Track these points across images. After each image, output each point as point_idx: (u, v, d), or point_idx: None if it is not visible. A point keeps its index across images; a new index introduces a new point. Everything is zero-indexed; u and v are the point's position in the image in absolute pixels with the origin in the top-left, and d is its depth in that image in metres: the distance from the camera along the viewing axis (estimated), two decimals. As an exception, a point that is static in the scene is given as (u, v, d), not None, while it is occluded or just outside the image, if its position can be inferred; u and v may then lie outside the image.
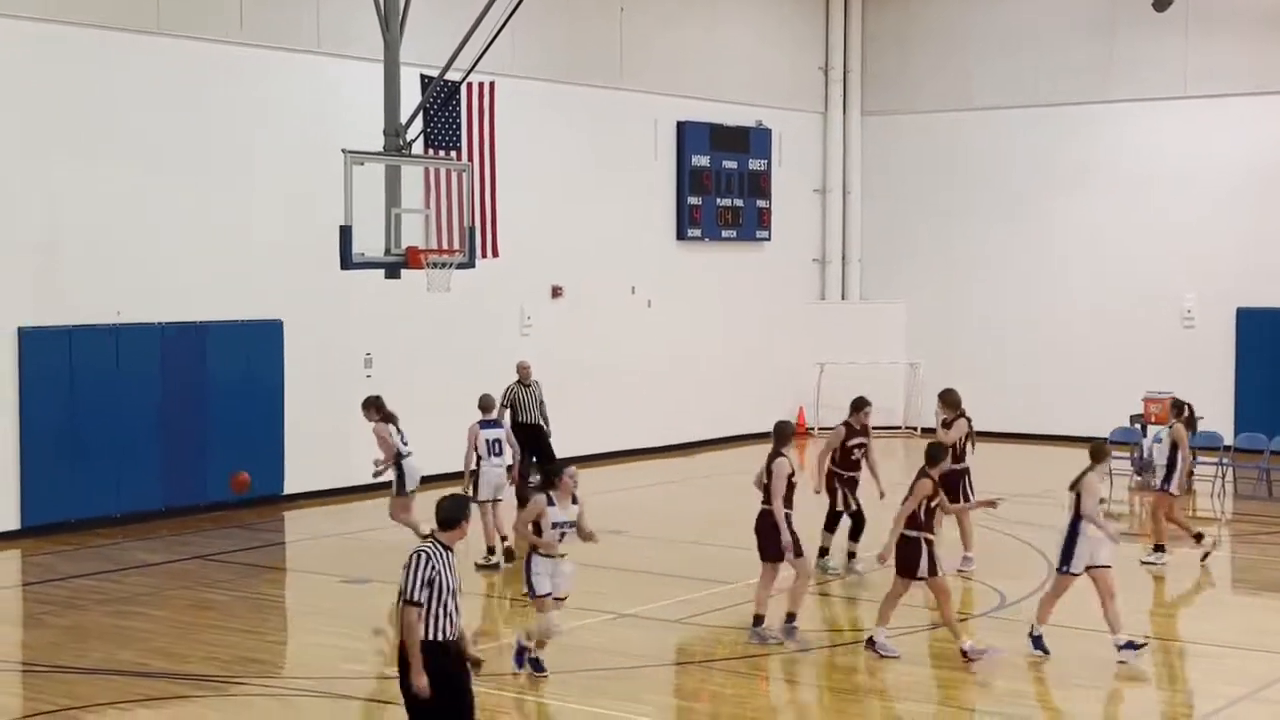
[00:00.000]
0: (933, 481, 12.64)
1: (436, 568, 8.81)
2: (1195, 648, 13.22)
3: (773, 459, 13.44)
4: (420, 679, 8.74)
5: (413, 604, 8.76)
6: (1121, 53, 27.06)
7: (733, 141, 27.35)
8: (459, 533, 9.07)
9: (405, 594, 8.79)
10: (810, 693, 12.45)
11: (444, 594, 8.81)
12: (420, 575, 8.78)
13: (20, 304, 18.18)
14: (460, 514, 9.07)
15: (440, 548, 8.94)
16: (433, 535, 9.04)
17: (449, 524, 9.04)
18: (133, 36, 19.05)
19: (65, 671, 12.52)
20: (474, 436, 16.86)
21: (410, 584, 8.78)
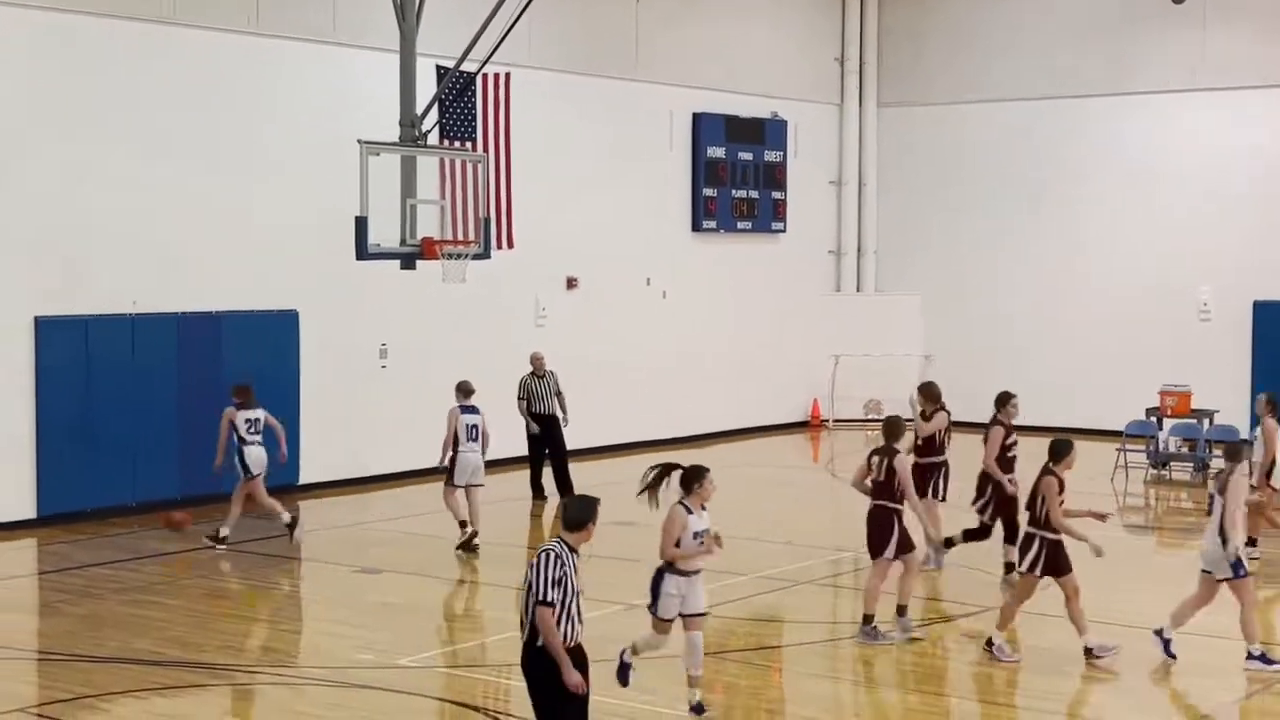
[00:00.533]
0: (1058, 479, 12.45)
1: (565, 568, 8.51)
2: (1211, 640, 13.19)
3: (893, 456, 13.23)
4: (572, 673, 8.46)
5: (546, 604, 8.45)
6: (1137, 45, 26.97)
7: (748, 133, 27.32)
8: (585, 534, 8.70)
9: (536, 594, 8.46)
10: (824, 684, 12.45)
11: (569, 596, 8.52)
12: (549, 574, 8.47)
13: (37, 294, 18.24)
14: (589, 515, 8.72)
15: (566, 548, 8.61)
16: (559, 536, 8.69)
17: (576, 525, 8.70)
18: (148, 26, 19.09)
19: (81, 660, 12.57)
20: (454, 421, 17.14)
21: (540, 584, 8.46)
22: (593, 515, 8.74)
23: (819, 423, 28.88)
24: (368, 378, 21.48)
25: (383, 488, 20.82)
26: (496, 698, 11.86)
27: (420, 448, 21.78)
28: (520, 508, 20.01)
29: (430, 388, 21.98)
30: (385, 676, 12.17)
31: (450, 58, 19.35)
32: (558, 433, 20.43)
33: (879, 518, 13.27)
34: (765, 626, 14.09)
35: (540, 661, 8.52)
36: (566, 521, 8.71)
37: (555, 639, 8.45)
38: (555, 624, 8.43)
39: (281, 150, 20.40)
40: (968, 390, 28.34)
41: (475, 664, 12.45)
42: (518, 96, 21.99)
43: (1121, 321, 27.15)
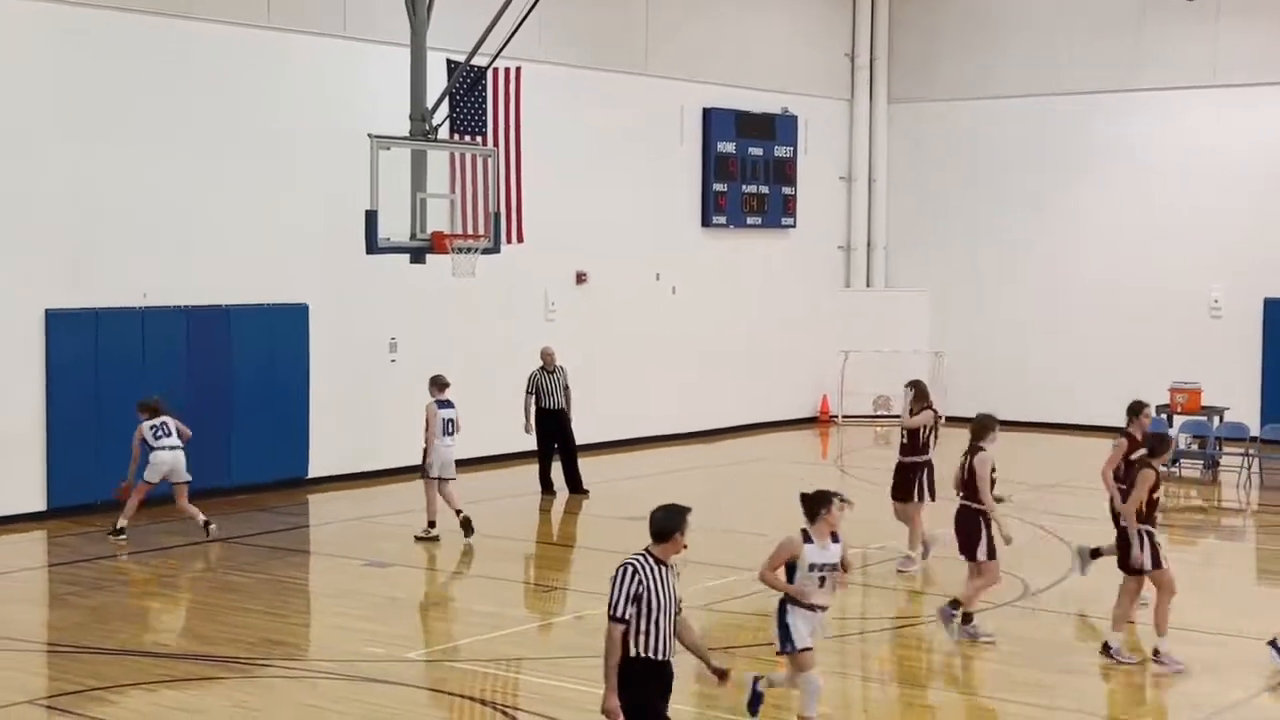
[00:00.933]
0: (1156, 473, 12.32)
1: (645, 583, 8.15)
2: (1217, 638, 13.16)
3: (973, 454, 13.12)
4: (611, 699, 8.11)
5: (616, 620, 8.12)
6: (1150, 40, 26.92)
7: (758, 128, 27.30)
8: (673, 545, 8.31)
9: (609, 609, 8.16)
10: (831, 680, 12.43)
11: (654, 611, 8.14)
12: (625, 589, 8.12)
13: (47, 286, 18.26)
14: (676, 524, 8.34)
15: (652, 560, 8.27)
16: (646, 548, 8.36)
17: (662, 535, 8.32)
18: (159, 20, 19.09)
19: (90, 652, 12.59)
20: (432, 415, 17.30)
21: (615, 598, 8.13)
22: (680, 524, 8.35)
23: (828, 418, 28.86)
24: (377, 372, 21.49)
25: (391, 481, 20.82)
26: (505, 692, 11.86)
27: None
28: (529, 503, 20.01)
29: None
30: (394, 670, 12.18)
31: (461, 52, 19.35)
32: (567, 428, 20.42)
33: (963, 518, 13.15)
34: (773, 622, 14.05)
35: (630, 674, 8.17)
36: (653, 533, 8.32)
37: (614, 657, 8.12)
38: (622, 641, 8.10)
39: (292, 144, 20.41)
40: (977, 385, 28.44)
41: (484, 658, 12.44)
42: (528, 91, 21.96)
43: (1131, 318, 27.10)
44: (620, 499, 20.25)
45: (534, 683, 11.88)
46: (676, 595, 8.26)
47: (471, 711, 11.39)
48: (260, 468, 20.18)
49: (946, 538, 15.43)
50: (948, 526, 14.40)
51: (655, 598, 8.14)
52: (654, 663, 8.17)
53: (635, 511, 19.65)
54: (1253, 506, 20.66)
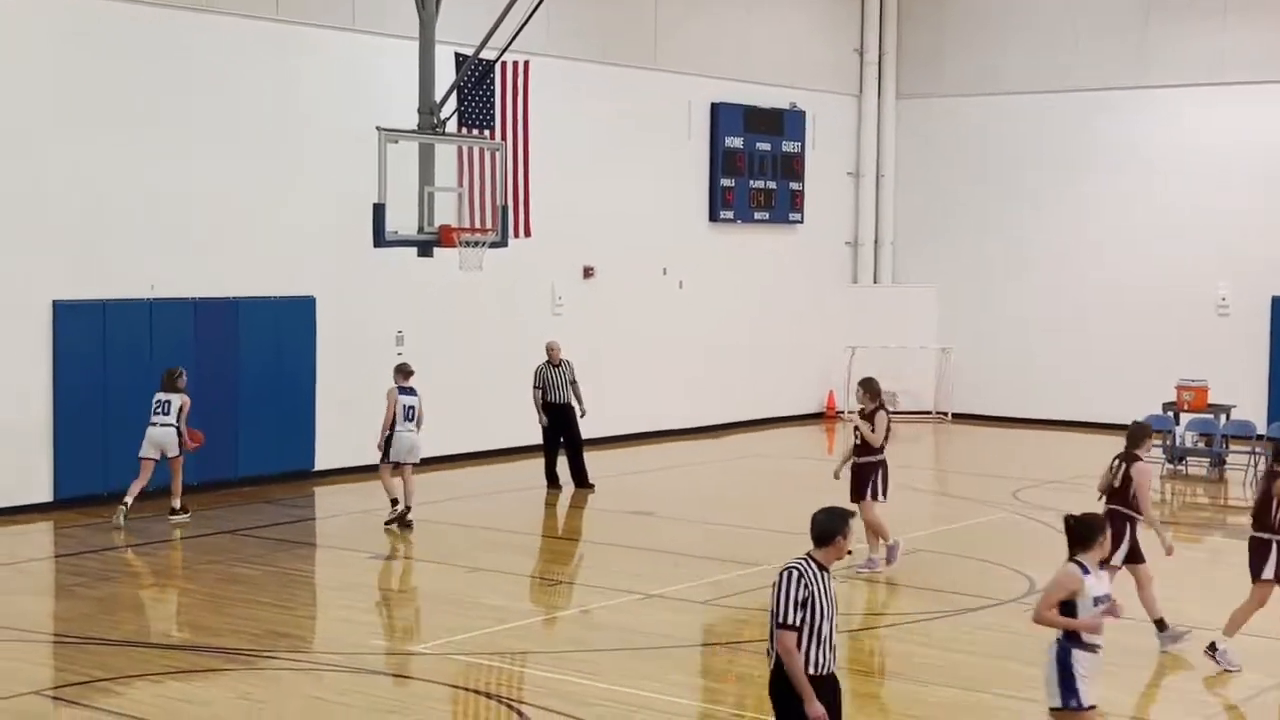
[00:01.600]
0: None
1: (811, 588, 7.85)
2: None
3: (1131, 462, 12.99)
4: (815, 707, 7.81)
5: (787, 627, 7.83)
6: (1157, 37, 26.88)
7: (766, 123, 27.28)
8: (835, 550, 7.98)
9: (777, 617, 7.86)
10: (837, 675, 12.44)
11: (818, 619, 7.85)
12: (793, 595, 7.81)
13: (55, 278, 18.28)
14: (838, 527, 7.98)
15: (815, 566, 7.95)
16: (807, 553, 8.03)
17: (824, 539, 7.98)
18: (168, 11, 19.10)
19: (96, 643, 12.61)
20: (393, 402, 17.62)
21: (781, 605, 7.83)
22: (842, 527, 8.00)
23: (834, 414, 28.86)
24: (384, 365, 21.41)
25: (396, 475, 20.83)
26: (510, 685, 11.88)
27: (436, 435, 21.86)
28: (535, 496, 20.02)
29: (446, 375, 22.03)
30: (399, 663, 12.20)
31: (469, 45, 19.36)
32: (573, 422, 20.43)
33: (1111, 523, 13.05)
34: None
35: (787, 688, 7.92)
36: (814, 537, 8.01)
37: (797, 665, 7.82)
38: (798, 648, 7.82)
39: (300, 137, 20.42)
40: (983, 381, 28.45)
41: (489, 651, 12.46)
42: (536, 85, 21.99)
43: (1139, 316, 27.07)
44: (626, 494, 20.26)
45: (539, 676, 11.90)
46: (836, 604, 8.00)
47: (476, 705, 11.40)
48: (267, 460, 20.20)
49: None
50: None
51: (820, 604, 7.86)
52: (820, 676, 7.89)
53: (641, 506, 19.73)
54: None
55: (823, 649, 7.85)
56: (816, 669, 7.84)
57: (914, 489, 21.76)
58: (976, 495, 20.47)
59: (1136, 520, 13.00)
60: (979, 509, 19.36)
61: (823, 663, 7.87)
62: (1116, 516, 12.82)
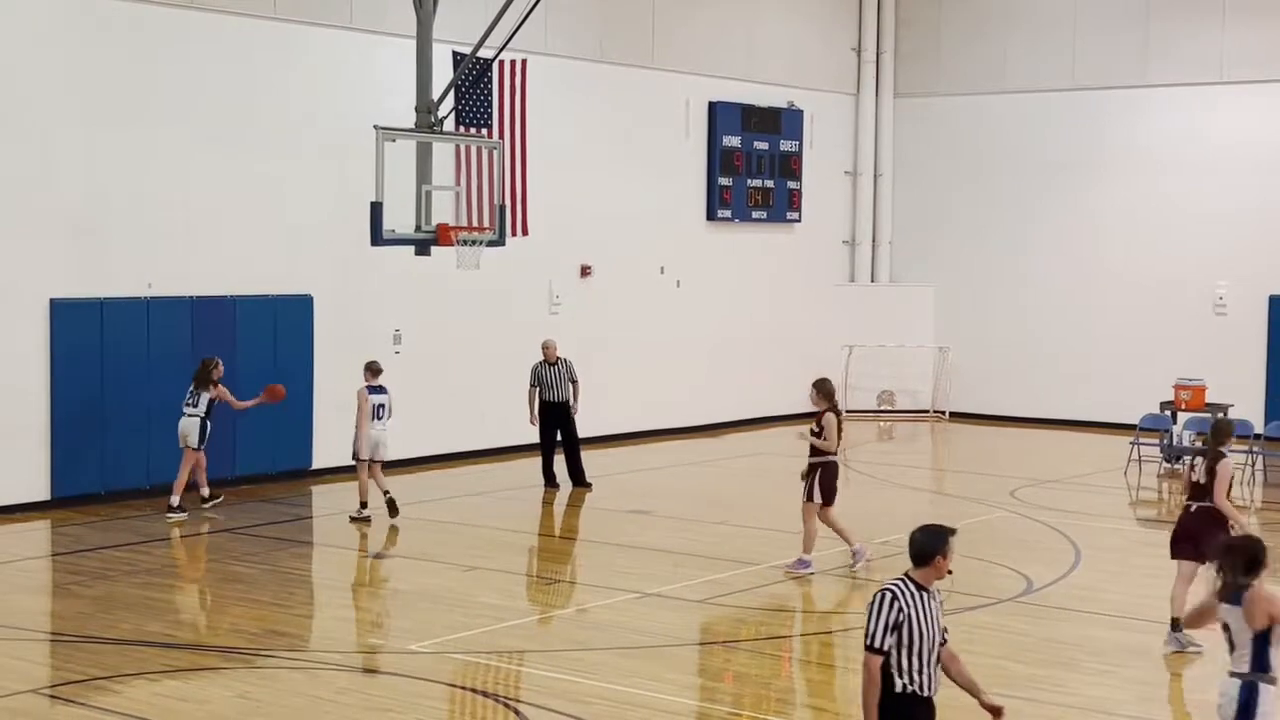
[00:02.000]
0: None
1: (905, 610, 7.55)
2: (1218, 635, 13.15)
3: (1216, 459, 12.82)
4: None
5: (874, 651, 7.53)
6: (1157, 36, 26.88)
7: (764, 122, 27.28)
8: (935, 570, 7.66)
9: (866, 639, 7.59)
10: (834, 674, 12.46)
11: (916, 641, 7.55)
12: (884, 618, 7.52)
13: (52, 276, 18.27)
14: (937, 546, 7.65)
15: (912, 586, 7.65)
16: (905, 573, 7.74)
17: (923, 558, 7.67)
18: (166, 10, 19.09)
19: (94, 642, 12.61)
20: (362, 400, 17.86)
21: (872, 627, 7.54)
22: (943, 546, 7.66)
23: (832, 413, 28.84)
24: (382, 364, 21.47)
25: (395, 473, 20.83)
26: (507, 684, 11.88)
27: (433, 434, 21.90)
28: (533, 495, 20.02)
29: (444, 374, 22.05)
30: (396, 662, 12.20)
31: (467, 44, 19.35)
32: (570, 421, 20.43)
33: (1203, 522, 12.98)
34: (776, 616, 14.10)
35: (893, 710, 7.61)
36: (912, 554, 7.70)
37: (873, 692, 7.55)
38: (896, 670, 7.56)
39: (297, 135, 20.41)
40: (981, 381, 28.45)
41: (486, 650, 12.46)
42: (534, 83, 21.99)
43: (1137, 315, 27.08)
44: (623, 493, 20.26)
45: (536, 675, 11.90)
46: (940, 624, 7.74)
47: (473, 704, 11.40)
48: (264, 459, 20.21)
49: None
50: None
51: (917, 627, 7.57)
52: (920, 698, 7.63)
53: (638, 505, 19.73)
54: (1256, 504, 20.65)
55: (924, 672, 7.62)
56: (917, 689, 7.61)
57: (911, 488, 21.77)
58: (974, 494, 20.48)
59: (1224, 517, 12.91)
60: (976, 508, 19.36)
61: (924, 686, 7.63)
62: (1209, 514, 12.77)
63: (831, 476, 15.41)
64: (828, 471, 15.40)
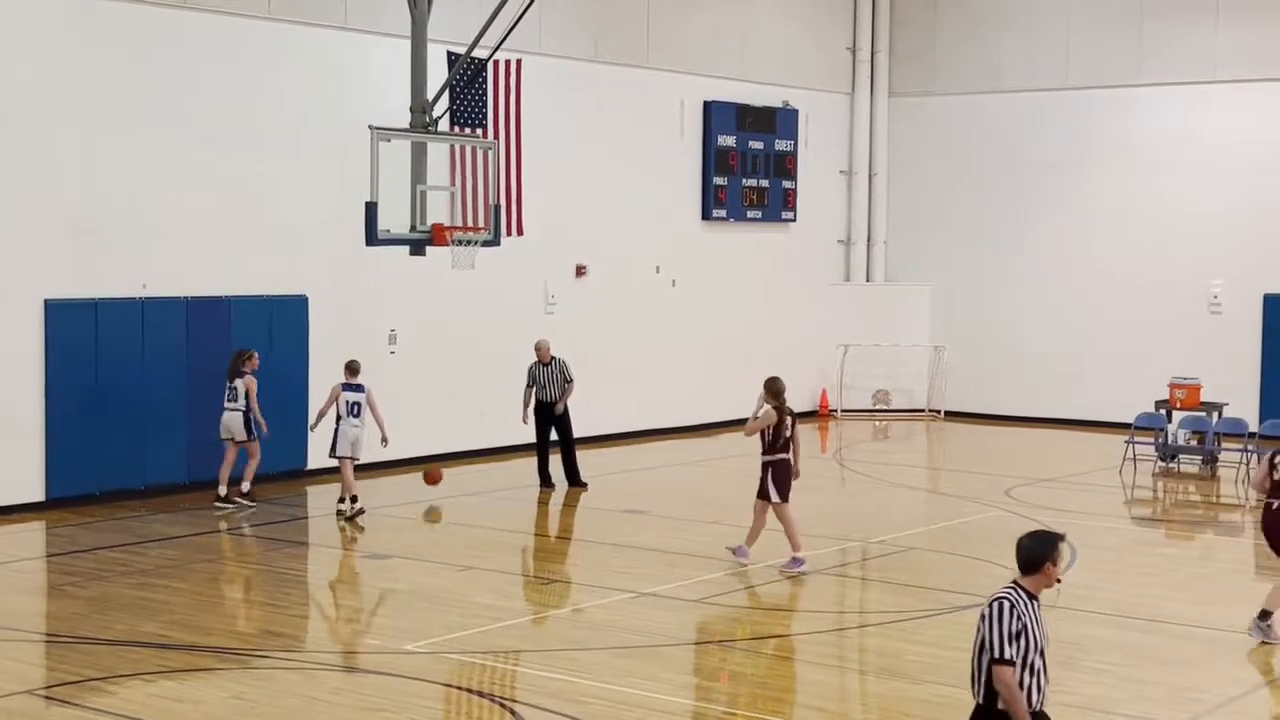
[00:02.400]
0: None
1: (1023, 619, 7.41)
2: (1215, 633, 13.18)
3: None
4: None
5: (1004, 662, 7.33)
6: (1151, 36, 26.90)
7: (759, 122, 27.28)
8: (1044, 577, 7.54)
9: (991, 651, 7.38)
10: (830, 673, 12.46)
11: (1029, 651, 7.39)
12: (1005, 627, 7.35)
13: (47, 277, 18.25)
14: (1047, 553, 7.53)
15: (1024, 595, 7.52)
16: (1015, 581, 7.61)
17: (1032, 566, 7.55)
18: (161, 10, 19.07)
19: (88, 642, 12.60)
20: (335, 395, 18.28)
21: (995, 639, 7.36)
22: (1051, 553, 7.54)
23: (827, 412, 28.88)
24: (376, 364, 21.44)
25: (390, 473, 20.84)
26: (503, 684, 11.87)
27: (429, 433, 21.88)
28: (528, 495, 20.02)
29: (439, 374, 22.04)
30: (392, 662, 12.19)
31: (461, 44, 19.36)
32: (566, 420, 20.42)
33: (1276, 518, 12.98)
34: (772, 615, 14.10)
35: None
36: (1022, 564, 7.58)
37: (1020, 702, 7.35)
38: (1019, 684, 7.35)
39: (292, 135, 20.40)
40: (977, 380, 28.47)
41: (482, 650, 12.46)
42: (528, 83, 21.99)
43: (1131, 314, 27.11)
44: (618, 492, 20.26)
45: (531, 675, 11.89)
46: (1047, 635, 7.59)
47: (469, 704, 11.40)
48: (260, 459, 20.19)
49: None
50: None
51: (1032, 637, 7.42)
52: (1033, 712, 7.47)
53: (633, 505, 19.72)
54: (1251, 502, 20.67)
55: (1037, 681, 7.44)
56: (1033, 702, 7.45)
57: (907, 487, 21.79)
58: (969, 493, 20.49)
59: None
60: (972, 507, 19.37)
61: (1037, 697, 7.47)
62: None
63: (783, 474, 15.56)
64: (778, 469, 15.55)
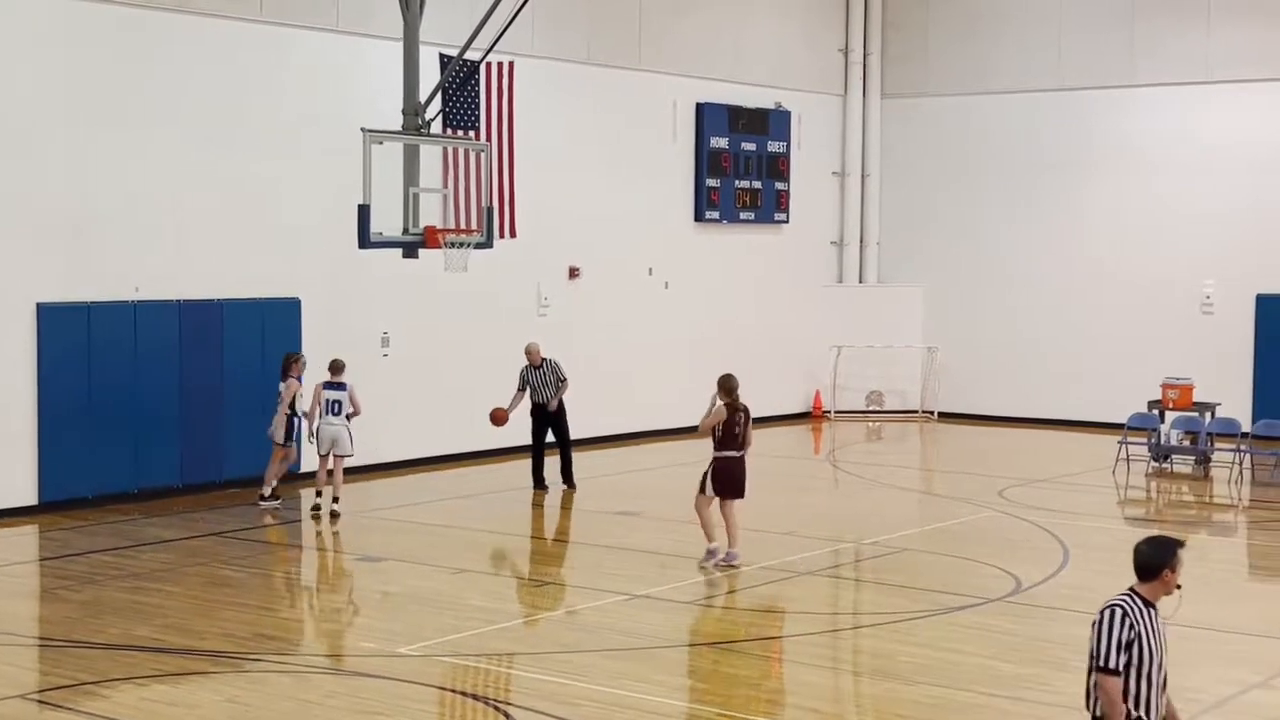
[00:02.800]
0: None
1: (1136, 628, 7.19)
2: (1209, 633, 13.19)
3: None
4: None
5: (1109, 672, 7.15)
6: (1143, 37, 26.93)
7: (752, 123, 27.29)
8: (1163, 584, 7.34)
9: (1097, 659, 7.20)
10: (824, 675, 12.47)
11: (1145, 661, 7.19)
12: (1116, 636, 7.17)
13: (40, 280, 18.23)
14: (1165, 559, 7.34)
15: (1140, 602, 7.30)
16: (1131, 588, 7.42)
17: (1150, 572, 7.34)
18: (151, 12, 19.05)
19: (82, 646, 12.58)
20: (318, 394, 18.46)
21: (1103, 647, 7.17)
22: (1170, 559, 7.34)
23: (820, 414, 28.88)
24: (369, 366, 21.45)
25: (383, 476, 20.83)
26: (496, 686, 11.87)
27: (422, 436, 21.87)
28: (522, 497, 20.01)
29: (432, 377, 22.02)
30: (386, 665, 12.18)
31: (454, 46, 19.35)
32: (562, 422, 20.43)
33: None
34: (766, 617, 14.10)
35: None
36: (1139, 568, 7.37)
37: (1119, 714, 7.17)
38: (1123, 695, 7.18)
39: (284, 138, 20.38)
40: (970, 381, 28.48)
41: (475, 653, 12.45)
42: (521, 86, 21.98)
43: (1124, 314, 27.14)
44: (612, 494, 20.26)
45: (525, 678, 11.89)
46: (1166, 644, 7.38)
47: (463, 706, 11.39)
48: (252, 462, 20.11)
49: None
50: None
51: (1147, 647, 7.20)
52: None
53: (627, 507, 19.71)
54: (1244, 502, 20.71)
55: (1153, 692, 7.23)
56: (1144, 711, 7.25)
57: (900, 488, 21.80)
58: (963, 494, 20.50)
59: None
60: (965, 508, 19.39)
61: (1153, 709, 7.26)
62: None
63: (727, 471, 15.68)
64: (720, 466, 15.68)
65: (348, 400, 18.35)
